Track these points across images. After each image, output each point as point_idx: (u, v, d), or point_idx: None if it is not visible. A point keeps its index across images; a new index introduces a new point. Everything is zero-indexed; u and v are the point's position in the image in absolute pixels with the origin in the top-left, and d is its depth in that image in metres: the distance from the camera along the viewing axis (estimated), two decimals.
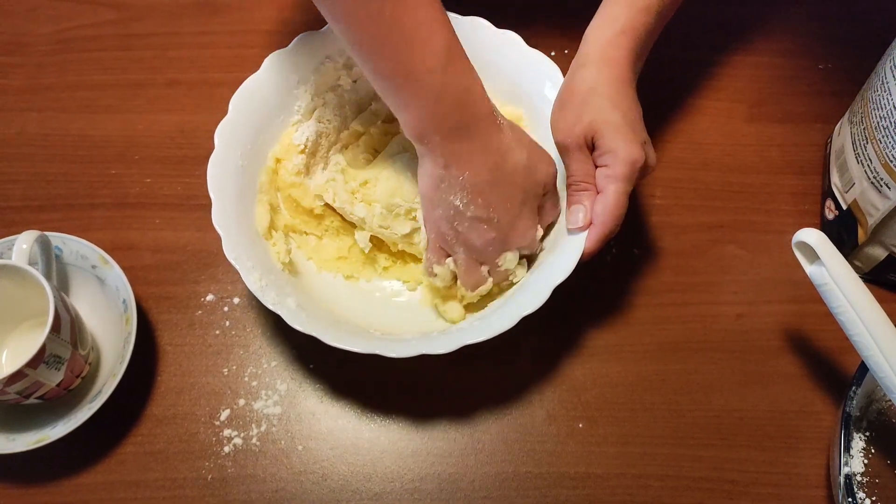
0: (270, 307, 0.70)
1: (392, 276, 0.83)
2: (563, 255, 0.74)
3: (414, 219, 0.78)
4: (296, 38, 0.81)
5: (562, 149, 0.74)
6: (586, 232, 0.73)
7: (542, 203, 0.76)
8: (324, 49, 0.83)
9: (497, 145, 0.71)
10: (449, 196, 0.71)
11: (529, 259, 0.78)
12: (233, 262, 0.72)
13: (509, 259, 0.75)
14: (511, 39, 0.83)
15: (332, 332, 0.70)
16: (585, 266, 0.73)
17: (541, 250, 0.78)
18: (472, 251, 0.74)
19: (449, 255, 0.76)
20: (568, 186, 0.75)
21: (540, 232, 0.77)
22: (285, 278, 0.77)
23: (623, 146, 0.70)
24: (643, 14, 0.74)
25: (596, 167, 0.73)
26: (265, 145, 0.81)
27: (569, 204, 0.75)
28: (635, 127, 0.72)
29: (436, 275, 0.76)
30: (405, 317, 0.80)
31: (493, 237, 0.73)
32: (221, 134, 0.78)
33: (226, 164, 0.77)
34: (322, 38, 0.82)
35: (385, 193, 0.78)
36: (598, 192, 0.73)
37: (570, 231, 0.74)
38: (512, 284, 0.78)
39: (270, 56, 0.81)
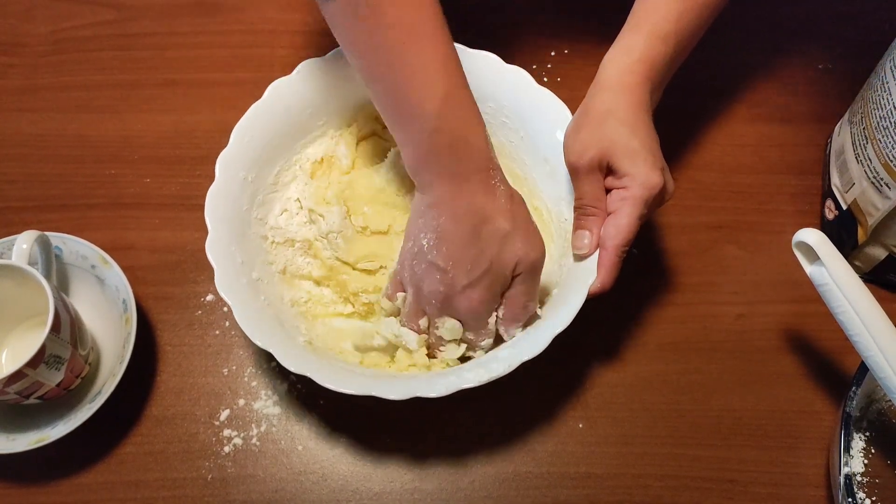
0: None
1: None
2: (565, 299, 0.72)
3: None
4: (299, 66, 0.81)
5: (573, 171, 0.73)
6: (588, 282, 0.71)
7: (511, 288, 0.72)
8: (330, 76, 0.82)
9: (482, 202, 0.69)
10: (420, 234, 0.70)
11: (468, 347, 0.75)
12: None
13: (448, 326, 0.72)
14: (521, 76, 0.82)
15: (324, 372, 0.70)
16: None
17: (484, 341, 0.74)
18: (419, 295, 0.72)
19: (403, 291, 0.75)
20: (575, 210, 0.74)
21: (492, 321, 0.73)
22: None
23: (642, 170, 0.70)
24: (661, 44, 0.73)
25: (609, 191, 0.72)
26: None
27: (574, 228, 0.74)
28: (654, 152, 0.72)
29: (383, 308, 0.76)
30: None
31: (440, 290, 0.70)
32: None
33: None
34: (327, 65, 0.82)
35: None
36: (608, 215, 0.72)
37: (576, 257, 0.74)
38: (446, 364, 0.75)
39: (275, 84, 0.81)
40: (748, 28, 1.01)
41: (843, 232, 0.82)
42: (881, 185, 0.75)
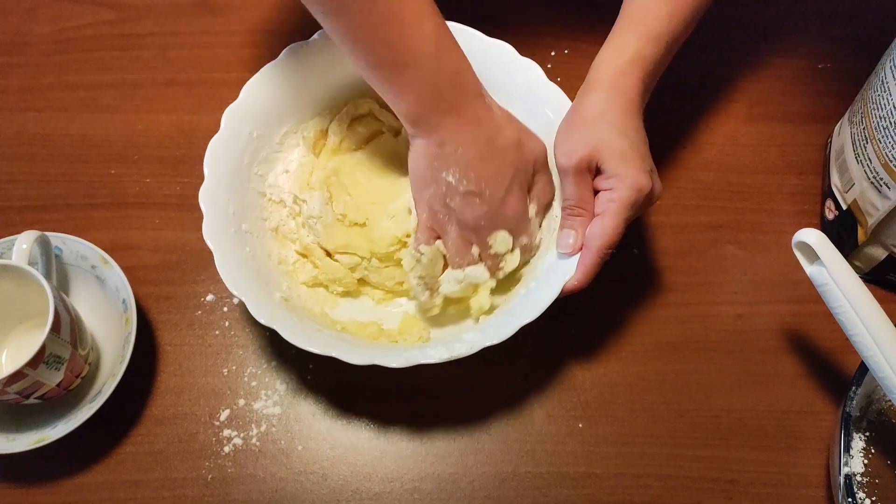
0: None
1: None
2: (538, 293, 0.73)
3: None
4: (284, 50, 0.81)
5: (562, 171, 0.74)
6: (564, 280, 0.72)
7: (534, 182, 0.77)
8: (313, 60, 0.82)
9: (488, 122, 0.73)
10: (441, 173, 0.72)
11: (524, 251, 0.78)
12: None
13: (500, 240, 0.75)
14: (533, 70, 0.82)
15: (291, 330, 0.70)
16: None
17: (537, 244, 0.78)
18: (464, 227, 0.74)
19: (438, 237, 0.76)
20: (562, 209, 0.75)
21: (533, 210, 0.77)
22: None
23: (630, 172, 0.70)
24: (653, 44, 0.74)
25: (598, 192, 0.73)
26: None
27: (560, 227, 0.74)
28: (643, 155, 0.72)
29: (422, 254, 0.75)
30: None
31: (484, 212, 0.73)
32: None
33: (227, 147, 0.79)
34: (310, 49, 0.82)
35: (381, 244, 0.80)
36: (594, 216, 0.73)
37: (560, 255, 0.74)
38: (512, 280, 0.77)
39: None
40: (748, 27, 1.01)
41: (843, 232, 0.82)
42: (881, 185, 0.75)
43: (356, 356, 0.69)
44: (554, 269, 0.74)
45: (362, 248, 0.80)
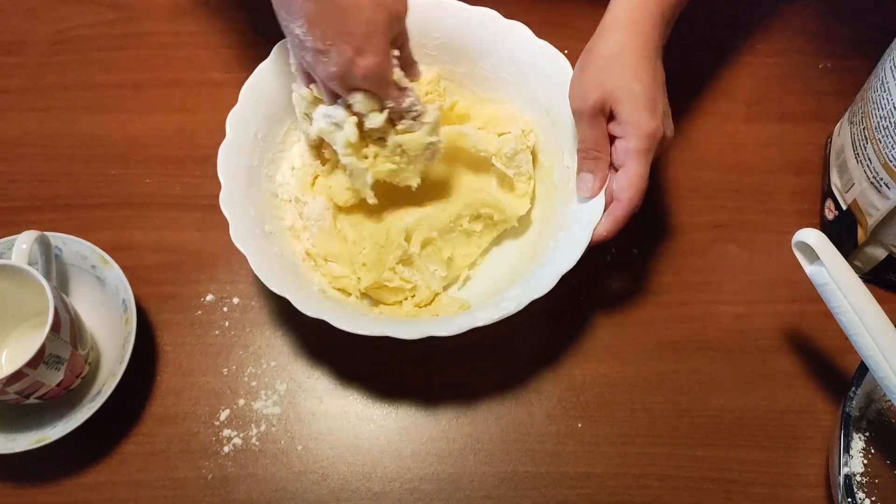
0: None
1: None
2: (569, 242, 0.73)
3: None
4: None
5: (576, 115, 0.73)
6: (593, 224, 0.72)
7: (402, 47, 0.73)
8: None
9: None
10: (291, 24, 0.68)
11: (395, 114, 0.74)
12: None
13: (358, 101, 0.71)
14: (520, 30, 0.83)
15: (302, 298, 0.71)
16: (585, 265, 0.72)
17: (418, 110, 0.74)
18: (321, 83, 0.72)
19: (313, 81, 0.74)
20: (578, 153, 0.74)
21: (399, 76, 0.72)
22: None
23: (644, 119, 0.70)
24: None
25: (612, 137, 0.73)
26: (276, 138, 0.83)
27: (578, 171, 0.74)
28: (656, 98, 0.71)
29: (302, 97, 0.76)
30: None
31: (333, 72, 0.69)
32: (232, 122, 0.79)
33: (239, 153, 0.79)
34: None
35: None
36: (611, 164, 0.72)
37: (581, 199, 0.74)
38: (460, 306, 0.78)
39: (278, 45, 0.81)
40: (748, 27, 1.01)
41: (843, 232, 0.82)
42: (881, 185, 0.75)
43: (409, 332, 0.69)
44: (579, 218, 0.74)
45: (352, 261, 0.80)
